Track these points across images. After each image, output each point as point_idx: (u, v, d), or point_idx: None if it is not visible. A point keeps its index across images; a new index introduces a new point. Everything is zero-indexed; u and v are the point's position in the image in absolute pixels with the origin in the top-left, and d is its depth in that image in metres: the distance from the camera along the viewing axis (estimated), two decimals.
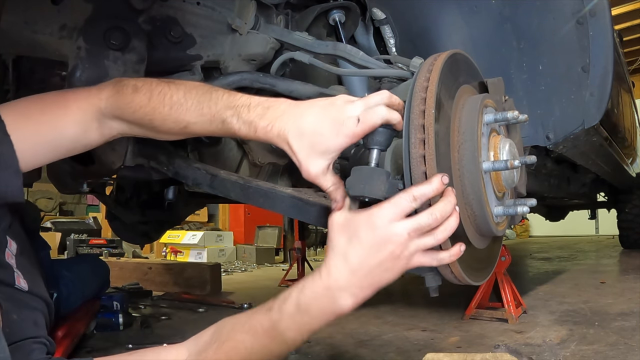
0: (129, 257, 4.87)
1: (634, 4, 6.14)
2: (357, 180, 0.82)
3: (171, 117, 0.84)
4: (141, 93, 0.85)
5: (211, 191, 1.17)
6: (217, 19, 1.27)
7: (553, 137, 1.33)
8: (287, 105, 0.79)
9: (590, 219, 5.59)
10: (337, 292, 0.74)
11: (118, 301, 2.01)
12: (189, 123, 0.83)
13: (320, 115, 0.76)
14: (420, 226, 0.72)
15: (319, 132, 0.75)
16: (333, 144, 0.75)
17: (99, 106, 0.87)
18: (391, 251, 0.72)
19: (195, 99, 0.83)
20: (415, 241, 0.73)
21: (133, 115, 0.85)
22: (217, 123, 0.81)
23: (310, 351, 1.57)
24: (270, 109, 0.78)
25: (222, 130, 0.82)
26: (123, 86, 0.87)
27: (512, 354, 1.22)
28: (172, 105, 0.83)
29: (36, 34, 1.09)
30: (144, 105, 0.84)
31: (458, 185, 0.85)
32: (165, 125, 0.85)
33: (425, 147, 0.78)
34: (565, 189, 2.82)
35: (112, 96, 0.87)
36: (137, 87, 0.86)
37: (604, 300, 2.25)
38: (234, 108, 0.80)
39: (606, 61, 1.22)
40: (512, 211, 0.90)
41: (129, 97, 0.85)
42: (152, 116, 0.84)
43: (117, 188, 2.51)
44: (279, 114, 0.78)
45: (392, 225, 0.72)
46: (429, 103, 0.80)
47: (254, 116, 0.78)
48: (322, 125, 0.75)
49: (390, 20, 1.40)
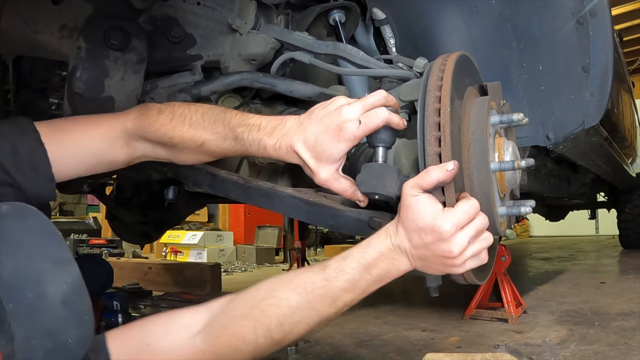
0: (129, 257, 4.87)
1: (634, 4, 6.13)
2: (368, 177, 0.82)
3: (189, 135, 0.90)
4: (164, 114, 0.92)
5: (211, 191, 1.17)
6: (218, 19, 1.27)
7: (553, 137, 1.33)
8: (291, 122, 0.85)
9: (590, 219, 5.59)
10: (398, 255, 0.76)
11: (118, 301, 2.01)
12: (205, 140, 0.90)
13: (319, 127, 0.81)
14: (477, 231, 0.75)
15: (320, 142, 0.81)
16: (336, 151, 0.81)
17: (125, 125, 0.93)
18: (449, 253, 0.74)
19: (211, 118, 0.90)
20: (472, 247, 0.75)
21: (155, 133, 0.91)
22: (230, 140, 0.87)
23: (310, 351, 1.57)
24: (277, 128, 0.85)
25: (235, 147, 0.88)
26: (149, 109, 0.94)
27: (512, 354, 1.22)
28: (191, 124, 0.90)
29: (36, 34, 1.09)
30: (166, 124, 0.91)
31: (468, 185, 0.85)
32: (183, 143, 0.91)
33: (442, 144, 0.78)
34: (565, 189, 2.82)
35: (138, 117, 0.93)
36: (162, 109, 0.93)
37: (604, 300, 2.25)
38: (245, 126, 0.86)
39: (606, 61, 1.22)
40: (515, 211, 0.91)
41: (153, 117, 0.92)
42: (172, 134, 0.90)
43: (117, 188, 2.51)
44: (285, 131, 0.84)
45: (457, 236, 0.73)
46: (444, 101, 0.80)
47: (262, 135, 0.84)
48: (323, 136, 0.80)
49: (390, 20, 1.39)
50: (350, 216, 0.94)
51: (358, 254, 0.77)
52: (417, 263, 0.77)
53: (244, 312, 0.76)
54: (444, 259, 0.75)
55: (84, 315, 0.70)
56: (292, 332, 0.76)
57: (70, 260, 0.72)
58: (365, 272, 0.76)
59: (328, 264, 0.78)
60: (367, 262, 0.76)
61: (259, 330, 0.75)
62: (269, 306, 0.75)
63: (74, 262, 0.72)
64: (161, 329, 0.79)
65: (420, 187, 0.75)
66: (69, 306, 0.69)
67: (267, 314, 0.75)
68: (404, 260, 0.77)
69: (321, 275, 0.76)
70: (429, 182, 0.74)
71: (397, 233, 0.77)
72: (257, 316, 0.75)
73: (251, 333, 0.75)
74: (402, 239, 0.76)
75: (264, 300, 0.76)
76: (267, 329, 0.75)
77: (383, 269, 0.77)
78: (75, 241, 4.63)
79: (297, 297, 0.75)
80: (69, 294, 0.69)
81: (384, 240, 0.77)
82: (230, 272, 4.47)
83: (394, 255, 0.77)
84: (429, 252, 0.75)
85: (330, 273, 0.76)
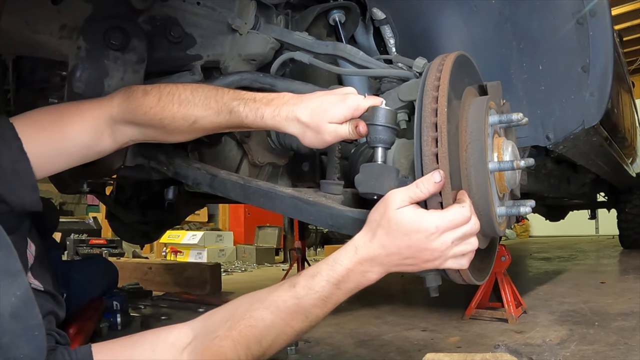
0: (129, 257, 4.87)
1: (634, 4, 6.13)
2: (366, 177, 0.82)
3: (180, 114, 0.88)
4: (151, 95, 0.89)
5: (211, 191, 1.17)
6: (217, 19, 1.27)
7: (553, 137, 1.33)
8: (290, 95, 0.87)
9: (590, 219, 5.59)
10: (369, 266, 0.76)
11: (118, 301, 2.00)
12: (198, 117, 0.88)
13: (324, 94, 0.85)
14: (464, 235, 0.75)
15: (327, 102, 0.83)
16: (340, 111, 0.82)
17: (110, 112, 0.91)
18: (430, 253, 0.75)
19: (202, 94, 0.88)
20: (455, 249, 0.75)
21: (144, 116, 0.89)
22: (225, 114, 0.87)
23: (310, 351, 1.57)
24: (275, 99, 0.86)
25: (230, 120, 0.87)
26: (133, 91, 0.91)
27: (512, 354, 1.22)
28: (181, 102, 0.88)
29: (36, 34, 1.09)
30: (154, 105, 0.89)
31: (465, 185, 0.85)
32: (174, 122, 0.89)
33: (438, 145, 0.78)
34: (565, 189, 2.82)
35: (124, 102, 0.90)
36: (147, 90, 0.90)
37: (604, 300, 2.25)
38: (240, 99, 0.86)
39: (606, 61, 1.22)
40: (515, 211, 0.91)
41: (139, 100, 0.89)
42: (162, 115, 0.88)
43: (117, 188, 2.51)
44: (284, 101, 0.85)
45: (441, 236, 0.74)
46: (442, 101, 0.80)
47: (259, 105, 0.85)
48: (329, 98, 0.83)
49: (390, 20, 1.40)
50: (350, 216, 0.94)
51: (326, 272, 0.77)
52: (392, 268, 0.78)
53: (224, 334, 0.77)
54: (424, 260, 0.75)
55: (34, 330, 0.69)
56: (271, 347, 0.78)
57: (20, 272, 0.70)
58: (335, 288, 0.76)
59: (297, 280, 0.78)
60: (335, 280, 0.76)
61: (240, 349, 0.77)
62: (247, 327, 0.77)
63: (24, 274, 0.70)
64: (148, 348, 0.79)
65: (411, 200, 0.75)
66: (19, 320, 0.67)
67: (246, 335, 0.77)
68: (376, 270, 0.77)
69: (291, 294, 0.77)
70: (420, 196, 0.75)
71: (370, 243, 0.76)
72: (235, 337, 0.77)
73: (232, 352, 0.76)
74: (375, 249, 0.76)
75: (241, 322, 0.77)
76: (246, 347, 0.77)
77: (353, 282, 0.77)
78: (75, 241, 4.63)
79: (272, 315, 0.77)
80: (18, 307, 0.67)
81: (352, 255, 0.77)
82: (230, 272, 4.47)
83: (364, 268, 0.77)
84: (410, 252, 0.75)
85: (300, 291, 0.77)
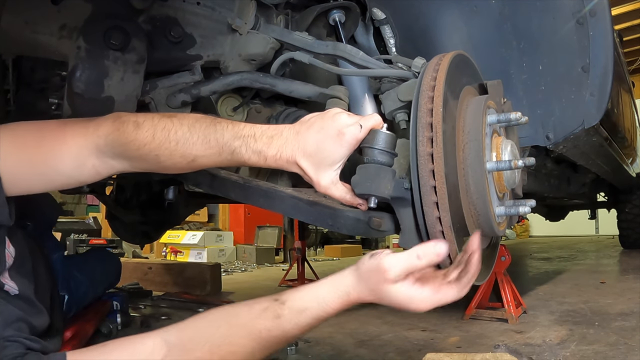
0: (129, 257, 4.87)
1: (634, 4, 6.13)
2: (363, 178, 0.82)
3: (178, 152, 0.83)
4: (144, 130, 0.83)
5: (211, 191, 1.17)
6: (217, 19, 1.27)
7: (553, 137, 1.33)
8: (287, 131, 0.85)
9: (590, 219, 5.59)
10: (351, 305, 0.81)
11: (118, 301, 2.00)
12: (197, 157, 0.84)
13: (319, 135, 0.83)
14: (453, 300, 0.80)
15: (322, 149, 0.82)
16: (339, 155, 0.82)
17: (96, 143, 0.84)
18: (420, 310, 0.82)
19: (200, 132, 0.83)
20: None
21: (137, 151, 0.84)
22: (226, 154, 0.84)
23: (310, 351, 1.57)
24: (274, 137, 0.84)
25: (231, 160, 0.86)
26: (123, 123, 0.84)
27: (512, 354, 1.22)
28: (178, 140, 0.83)
29: (36, 34, 1.09)
30: (149, 142, 0.83)
31: (462, 185, 0.85)
32: (172, 159, 0.84)
33: (434, 145, 0.78)
34: (565, 189, 2.82)
35: (112, 133, 0.84)
36: (139, 123, 0.83)
37: (604, 300, 2.25)
38: (241, 138, 0.84)
39: (606, 61, 1.22)
40: (514, 211, 0.91)
41: (131, 135, 0.83)
42: (158, 152, 0.83)
43: (117, 188, 2.51)
44: (283, 141, 0.84)
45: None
46: (437, 102, 0.79)
47: (261, 146, 0.84)
48: (324, 142, 0.82)
49: (390, 20, 1.39)
50: (350, 216, 0.94)
51: (315, 311, 0.79)
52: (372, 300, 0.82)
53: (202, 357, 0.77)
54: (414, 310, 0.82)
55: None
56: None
57: None
58: (319, 322, 0.80)
59: (282, 311, 0.78)
60: (322, 318, 0.79)
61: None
62: (228, 353, 0.77)
63: None
64: None
65: (408, 272, 0.76)
66: None
67: None
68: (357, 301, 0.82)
69: (276, 325, 0.78)
70: (419, 267, 0.76)
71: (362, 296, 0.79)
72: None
73: None
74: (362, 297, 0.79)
75: (222, 347, 0.77)
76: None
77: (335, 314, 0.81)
78: (75, 241, 4.63)
79: (253, 343, 0.78)
80: None
81: (344, 301, 0.79)
82: (230, 272, 4.47)
83: (347, 307, 0.81)
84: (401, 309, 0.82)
85: (286, 325, 0.78)
